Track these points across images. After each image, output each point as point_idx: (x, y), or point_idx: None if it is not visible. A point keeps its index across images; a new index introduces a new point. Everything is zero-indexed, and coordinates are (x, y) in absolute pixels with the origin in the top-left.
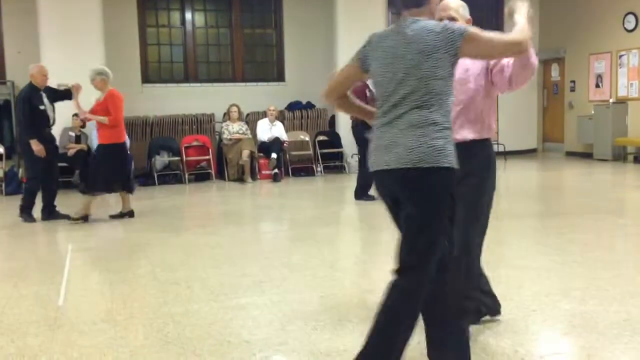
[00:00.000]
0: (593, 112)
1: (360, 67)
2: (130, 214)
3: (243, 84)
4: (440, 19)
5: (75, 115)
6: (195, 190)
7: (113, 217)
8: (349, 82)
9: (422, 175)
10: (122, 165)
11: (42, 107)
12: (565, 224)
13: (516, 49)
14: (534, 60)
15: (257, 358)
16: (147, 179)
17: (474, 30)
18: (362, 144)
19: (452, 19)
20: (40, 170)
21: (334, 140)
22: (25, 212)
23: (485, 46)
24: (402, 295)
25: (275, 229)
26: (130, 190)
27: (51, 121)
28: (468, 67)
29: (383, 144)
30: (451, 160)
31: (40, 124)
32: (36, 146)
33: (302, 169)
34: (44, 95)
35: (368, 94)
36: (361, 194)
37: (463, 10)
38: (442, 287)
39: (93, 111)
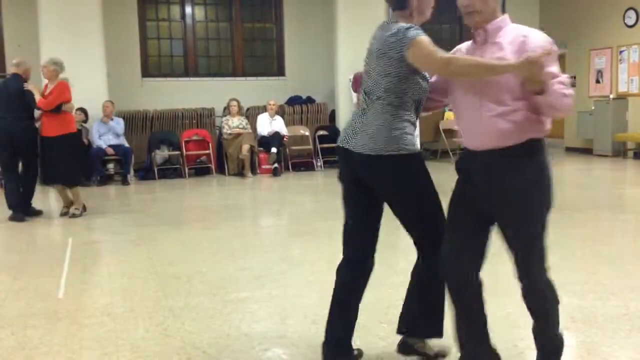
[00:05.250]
0: (593, 107)
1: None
2: (84, 208)
3: (243, 78)
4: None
5: (79, 110)
6: (195, 184)
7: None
8: None
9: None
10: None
11: None
12: (565, 219)
13: (444, 70)
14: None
15: (256, 351)
16: (147, 173)
17: (422, 39)
18: None
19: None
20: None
21: (334, 135)
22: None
23: (423, 58)
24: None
25: (275, 224)
26: (74, 183)
27: None
28: None
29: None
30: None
31: None
32: None
33: (302, 164)
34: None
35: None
36: None
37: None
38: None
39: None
